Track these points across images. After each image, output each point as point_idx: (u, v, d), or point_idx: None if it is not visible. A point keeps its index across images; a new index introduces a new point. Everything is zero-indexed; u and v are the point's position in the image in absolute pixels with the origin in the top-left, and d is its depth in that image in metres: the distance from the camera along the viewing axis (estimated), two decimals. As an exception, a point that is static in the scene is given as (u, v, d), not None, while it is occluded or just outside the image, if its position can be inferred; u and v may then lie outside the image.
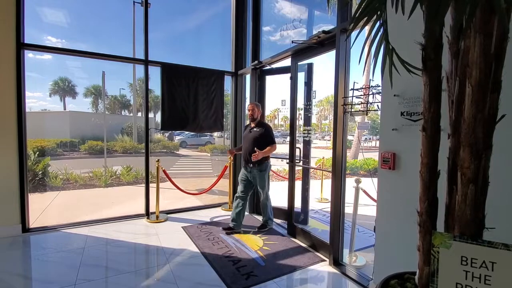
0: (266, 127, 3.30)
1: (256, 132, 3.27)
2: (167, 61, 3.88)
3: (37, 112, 15.89)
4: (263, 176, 3.29)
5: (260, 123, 3.35)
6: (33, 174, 6.04)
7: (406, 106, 1.75)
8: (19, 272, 2.43)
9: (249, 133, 3.33)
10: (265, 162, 3.30)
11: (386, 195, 1.93)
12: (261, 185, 3.32)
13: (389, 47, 1.06)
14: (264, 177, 3.31)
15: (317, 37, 2.69)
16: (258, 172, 3.27)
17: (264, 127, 3.30)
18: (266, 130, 3.28)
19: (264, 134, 3.25)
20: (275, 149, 3.28)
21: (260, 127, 3.30)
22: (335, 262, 2.56)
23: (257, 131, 3.27)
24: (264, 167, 3.30)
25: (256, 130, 3.29)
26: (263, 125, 3.32)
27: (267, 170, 3.34)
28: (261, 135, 3.25)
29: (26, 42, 3.14)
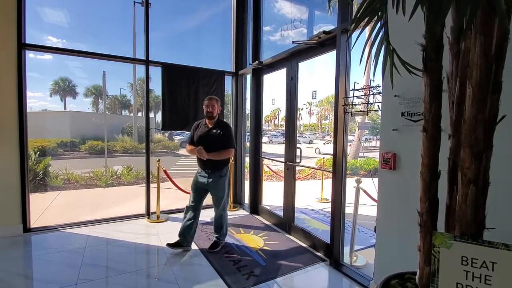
0: (226, 128, 2.85)
1: (215, 133, 2.80)
2: (168, 61, 3.89)
3: (38, 112, 15.91)
4: (223, 183, 2.84)
5: (219, 122, 2.88)
6: (33, 174, 6.05)
7: (407, 107, 1.75)
8: (21, 272, 2.44)
9: (207, 134, 2.83)
10: (226, 167, 2.88)
11: (386, 195, 1.93)
12: (219, 194, 2.85)
13: (390, 47, 1.06)
14: (224, 184, 2.87)
15: (318, 38, 2.69)
16: (218, 178, 2.80)
17: (224, 127, 2.84)
18: (227, 131, 2.83)
19: (224, 135, 2.80)
20: (231, 155, 2.86)
21: (219, 127, 2.83)
22: (335, 262, 2.56)
23: (216, 131, 2.80)
24: (225, 173, 2.86)
25: (215, 131, 2.81)
26: (223, 125, 2.86)
27: (226, 177, 2.91)
28: (221, 136, 2.79)
29: (27, 43, 3.15)
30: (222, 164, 2.81)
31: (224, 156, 2.77)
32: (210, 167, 2.79)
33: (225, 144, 2.77)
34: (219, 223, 2.94)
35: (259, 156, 4.12)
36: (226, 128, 2.84)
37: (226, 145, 2.77)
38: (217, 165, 2.79)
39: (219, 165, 2.80)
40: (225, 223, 2.97)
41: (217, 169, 2.79)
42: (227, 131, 2.83)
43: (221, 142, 2.77)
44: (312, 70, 25.15)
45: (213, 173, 2.79)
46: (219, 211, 2.90)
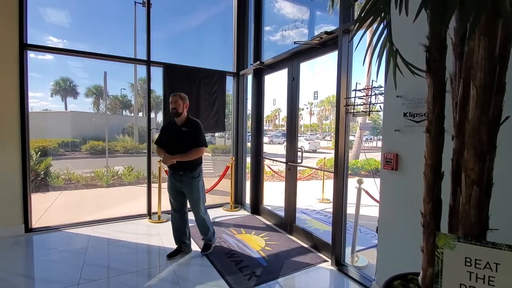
0: (196, 125, 2.68)
1: (185, 132, 2.65)
2: (169, 61, 3.89)
3: (39, 112, 15.92)
4: (196, 184, 2.68)
5: (188, 120, 2.71)
6: (35, 174, 6.06)
7: (409, 107, 1.75)
8: (23, 272, 2.44)
9: (177, 134, 2.68)
10: (198, 168, 2.72)
11: (388, 196, 1.93)
12: (194, 196, 2.69)
13: (393, 48, 1.06)
14: (198, 186, 2.71)
15: (319, 38, 2.69)
16: (190, 180, 2.66)
17: (193, 125, 2.68)
18: (196, 130, 2.67)
19: (193, 134, 2.65)
20: (201, 154, 2.67)
21: (188, 125, 2.67)
22: (337, 262, 2.56)
23: (186, 130, 2.65)
24: (197, 174, 2.70)
25: (185, 129, 2.66)
26: (192, 123, 2.69)
27: (200, 177, 2.74)
28: (190, 135, 2.65)
29: (29, 43, 3.15)
30: (194, 165, 2.66)
31: (193, 156, 2.61)
32: (182, 169, 2.64)
33: (194, 143, 2.62)
34: (204, 227, 2.82)
35: (260, 156, 4.12)
36: (196, 126, 2.68)
37: (196, 144, 2.62)
38: (189, 167, 2.64)
39: (191, 166, 2.65)
40: (210, 224, 2.87)
41: (189, 170, 2.64)
42: (196, 128, 2.67)
43: (191, 141, 2.62)
44: (313, 70, 25.18)
45: (185, 175, 2.64)
46: (199, 214, 2.75)
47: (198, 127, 2.69)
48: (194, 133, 2.65)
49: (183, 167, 2.64)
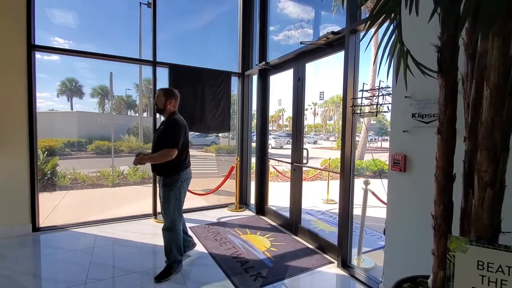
0: (171, 123, 2.34)
1: (159, 130, 2.40)
2: (174, 62, 3.91)
3: (45, 112, 16.11)
4: (167, 194, 2.33)
5: (169, 118, 2.40)
6: (42, 173, 6.13)
7: (418, 108, 1.73)
8: (30, 271, 2.47)
9: (155, 131, 2.49)
10: (173, 176, 2.32)
11: (396, 197, 1.91)
12: (163, 206, 2.37)
13: (404, 49, 1.05)
14: (169, 196, 2.32)
15: (326, 38, 2.68)
16: (161, 188, 2.37)
17: (168, 123, 2.37)
18: (168, 127, 2.33)
19: (164, 132, 2.33)
20: (170, 157, 2.24)
21: (165, 123, 2.40)
22: (343, 264, 2.55)
23: (161, 128, 2.40)
24: (170, 182, 2.32)
25: (161, 127, 2.42)
26: (170, 121, 2.37)
27: (174, 187, 2.32)
28: (162, 134, 2.34)
29: (36, 44, 3.19)
30: (168, 171, 2.33)
31: (159, 158, 2.25)
32: (157, 172, 2.42)
33: (163, 143, 2.28)
34: (167, 245, 2.40)
35: (265, 157, 4.12)
36: (171, 125, 2.33)
37: (164, 145, 2.26)
38: (162, 172, 2.36)
39: (164, 172, 2.34)
40: (176, 246, 2.40)
41: (163, 176, 2.36)
42: (170, 127, 2.32)
43: (163, 140, 2.30)
44: (318, 71, 25.10)
45: (161, 181, 2.39)
46: (165, 228, 2.39)
47: (172, 125, 2.32)
48: (166, 132, 2.31)
49: (155, 169, 2.40)
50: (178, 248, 2.43)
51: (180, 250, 2.46)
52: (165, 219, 2.39)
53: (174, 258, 2.40)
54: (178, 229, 2.43)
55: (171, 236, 2.39)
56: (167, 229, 2.39)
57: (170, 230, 2.39)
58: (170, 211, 2.35)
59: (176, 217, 2.39)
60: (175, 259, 2.41)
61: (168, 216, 2.37)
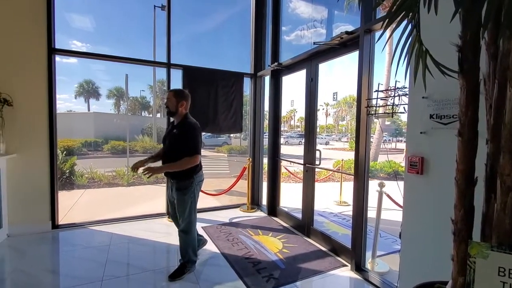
0: (187, 128, 2.27)
1: (174, 135, 2.31)
2: (187, 63, 3.96)
3: (64, 113, 16.68)
4: (182, 198, 2.31)
5: (183, 121, 2.34)
6: (61, 172, 6.35)
7: (436, 109, 1.68)
8: (50, 267, 2.56)
9: (168, 134, 2.41)
10: (189, 180, 2.31)
11: (413, 201, 1.86)
12: (179, 209, 2.36)
13: (423, 49, 1.03)
14: (184, 200, 2.31)
15: (340, 38, 2.65)
16: (176, 192, 2.33)
17: (185, 127, 2.29)
18: (186, 133, 2.26)
19: (182, 138, 2.25)
20: (194, 164, 2.24)
21: (180, 127, 2.31)
22: (357, 267, 2.50)
23: (175, 133, 2.31)
24: (185, 186, 2.30)
25: (175, 131, 2.32)
26: (185, 125, 2.30)
27: (189, 191, 2.31)
28: (178, 139, 2.27)
29: (56, 48, 3.31)
30: (182, 175, 2.29)
31: (182, 166, 2.22)
32: (170, 176, 2.37)
33: (182, 150, 2.22)
34: (183, 246, 2.44)
35: (277, 157, 4.11)
36: (186, 129, 2.27)
37: (185, 152, 2.21)
38: (178, 175, 2.31)
39: (180, 176, 2.30)
40: (191, 248, 2.44)
41: (177, 180, 2.33)
42: (186, 132, 2.26)
43: (178, 146, 2.26)
44: (330, 71, 24.83)
45: (173, 184, 2.36)
46: (181, 230, 2.42)
47: (190, 130, 2.26)
48: (183, 137, 2.24)
49: (171, 173, 2.35)
50: (193, 249, 2.47)
51: (195, 251, 2.50)
52: (181, 221, 2.39)
53: (189, 258, 2.45)
54: (194, 230, 2.47)
55: (187, 238, 2.43)
56: (183, 231, 2.41)
57: (187, 233, 2.41)
58: (186, 214, 2.37)
59: (192, 219, 2.41)
60: (189, 259, 2.45)
61: (184, 219, 2.38)
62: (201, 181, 2.46)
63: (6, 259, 2.69)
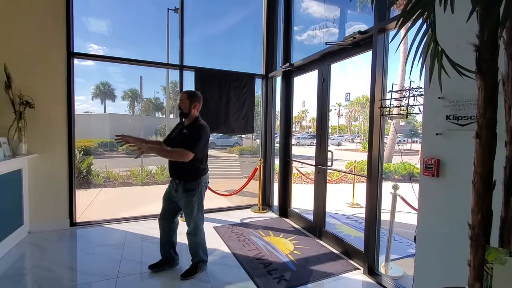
0: (195, 129, 2.30)
1: (184, 135, 2.32)
2: (199, 65, 4.02)
3: (81, 114, 17.22)
4: (189, 199, 2.31)
5: (193, 122, 2.36)
6: (78, 172, 6.56)
7: (452, 110, 1.64)
8: (67, 264, 2.65)
9: (178, 134, 2.43)
10: (196, 181, 2.32)
11: (428, 204, 1.82)
12: (186, 211, 2.36)
13: (438, 48, 1.01)
14: (192, 201, 2.32)
15: (352, 38, 2.62)
16: (183, 193, 2.32)
17: (193, 128, 2.31)
18: (193, 132, 2.28)
19: (187, 136, 2.28)
20: (185, 158, 2.19)
21: (190, 127, 2.33)
22: (370, 271, 2.46)
23: (185, 133, 2.32)
24: (192, 187, 2.31)
25: (185, 132, 2.34)
26: (194, 126, 2.32)
27: (196, 192, 2.32)
28: (185, 138, 2.28)
29: (75, 51, 3.43)
30: (189, 176, 2.32)
31: (173, 156, 2.23)
32: (177, 176, 2.36)
33: (183, 145, 2.23)
34: (192, 248, 2.46)
35: (288, 158, 4.10)
36: (194, 129, 2.30)
37: (185, 145, 2.21)
38: (185, 176, 2.32)
39: (187, 177, 2.32)
40: (201, 248, 2.47)
41: (184, 181, 2.32)
42: (193, 132, 2.29)
43: (184, 144, 2.24)
44: (342, 71, 24.52)
45: (180, 185, 2.33)
46: (189, 232, 2.43)
47: (197, 130, 2.30)
48: (188, 136, 2.28)
49: (177, 175, 2.36)
50: (203, 249, 2.49)
51: (205, 250, 2.51)
52: (188, 223, 2.41)
53: (200, 258, 2.47)
54: (202, 231, 2.47)
55: (196, 239, 2.44)
56: (190, 233, 2.43)
57: (195, 234, 2.42)
58: (193, 216, 2.37)
59: (199, 221, 2.41)
60: (200, 259, 2.47)
61: (191, 221, 2.38)
62: (206, 183, 2.46)
63: (27, 255, 2.80)
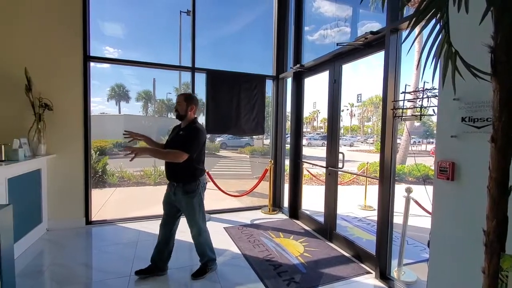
0: (190, 130, 2.31)
1: (180, 136, 2.32)
2: (211, 67, 4.07)
3: (97, 116, 17.72)
4: (190, 201, 2.32)
5: (189, 124, 2.36)
6: (94, 172, 6.75)
7: (468, 111, 1.59)
8: (83, 261, 2.74)
9: (174, 136, 2.41)
10: (195, 182, 2.32)
11: (442, 208, 1.77)
12: (188, 213, 2.37)
13: (452, 50, 0.98)
14: (193, 203, 2.32)
15: (364, 39, 2.59)
16: (183, 195, 2.31)
17: (189, 130, 2.32)
18: (188, 134, 2.29)
19: (183, 138, 2.28)
20: (180, 160, 2.18)
21: (186, 129, 2.34)
22: (381, 275, 2.42)
23: (181, 135, 2.32)
24: (192, 189, 2.31)
25: (181, 133, 2.33)
26: (190, 128, 2.33)
27: (196, 193, 2.33)
28: (181, 139, 2.29)
29: (91, 55, 3.54)
30: (188, 178, 2.31)
31: (167, 157, 2.21)
32: (174, 179, 2.35)
33: (179, 146, 2.23)
34: (199, 249, 2.48)
35: (299, 160, 4.08)
36: (189, 131, 2.31)
37: (179, 147, 2.21)
38: (182, 179, 2.31)
39: (185, 179, 2.31)
40: (207, 247, 2.49)
41: (182, 183, 2.31)
42: (188, 133, 2.29)
43: (179, 145, 2.24)
44: (354, 70, 24.15)
45: (178, 188, 2.32)
46: (194, 234, 2.45)
47: (195, 133, 2.29)
48: (184, 137, 2.28)
49: (174, 177, 2.35)
50: (210, 248, 2.51)
51: (212, 249, 2.53)
52: (191, 225, 2.42)
53: (208, 257, 2.49)
54: (205, 230, 2.48)
55: (201, 239, 2.45)
56: (195, 236, 2.45)
57: (199, 235, 2.43)
58: (196, 218, 2.37)
59: (201, 221, 2.42)
60: (209, 258, 2.50)
61: (194, 223, 2.39)
62: (205, 184, 2.47)
63: (45, 251, 2.91)
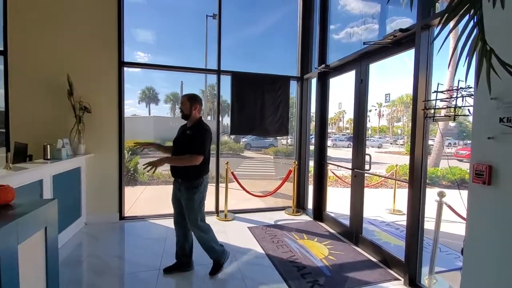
0: (198, 130, 2.37)
1: (187, 136, 2.38)
2: (235, 69, 4.15)
3: (129, 117, 18.75)
4: (191, 197, 2.35)
5: (195, 123, 2.44)
6: (126, 170, 7.15)
7: (507, 111, 1.48)
8: (117, 253, 2.92)
9: (180, 135, 2.49)
10: (198, 179, 2.37)
11: (478, 214, 1.67)
12: (187, 209, 2.39)
13: (486, 48, 0.94)
14: (193, 199, 2.35)
15: (393, 37, 2.50)
16: (185, 191, 2.37)
17: (197, 129, 2.38)
18: (197, 134, 2.35)
19: (192, 138, 2.34)
20: (195, 163, 2.27)
21: (193, 129, 2.41)
22: (411, 282, 2.32)
23: (188, 134, 2.39)
24: (194, 185, 2.36)
25: (188, 133, 2.40)
26: (197, 127, 2.39)
27: (198, 190, 2.37)
28: (190, 139, 2.35)
29: (125, 61, 3.76)
30: (192, 174, 2.35)
31: (184, 162, 2.29)
32: (179, 175, 2.41)
33: (190, 148, 2.30)
34: (204, 245, 2.49)
35: (323, 161, 4.02)
36: (198, 131, 2.37)
37: (191, 150, 2.29)
38: (187, 174, 2.36)
39: (189, 174, 2.35)
40: (212, 241, 2.51)
41: (186, 179, 2.37)
42: (197, 133, 2.36)
43: (188, 146, 2.32)
44: (382, 68, 23.21)
45: (183, 183, 2.39)
46: (195, 231, 2.45)
47: (201, 132, 2.36)
48: (193, 137, 2.35)
49: (179, 173, 2.41)
50: (214, 241, 2.53)
51: (216, 241, 2.55)
52: (190, 220, 2.41)
53: (217, 252, 2.52)
54: (206, 226, 2.49)
55: (204, 235, 2.46)
56: (198, 235, 2.46)
57: (202, 230, 2.45)
58: (195, 212, 2.39)
59: (200, 215, 2.43)
60: (217, 252, 2.52)
61: (193, 218, 2.39)
62: (208, 183, 2.50)
63: (84, 244, 3.14)
